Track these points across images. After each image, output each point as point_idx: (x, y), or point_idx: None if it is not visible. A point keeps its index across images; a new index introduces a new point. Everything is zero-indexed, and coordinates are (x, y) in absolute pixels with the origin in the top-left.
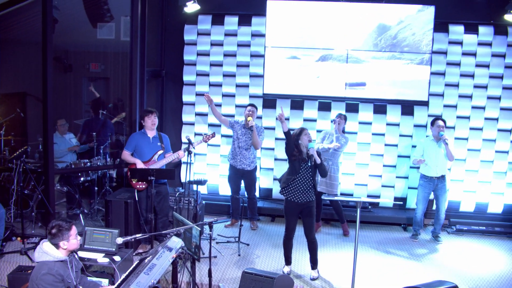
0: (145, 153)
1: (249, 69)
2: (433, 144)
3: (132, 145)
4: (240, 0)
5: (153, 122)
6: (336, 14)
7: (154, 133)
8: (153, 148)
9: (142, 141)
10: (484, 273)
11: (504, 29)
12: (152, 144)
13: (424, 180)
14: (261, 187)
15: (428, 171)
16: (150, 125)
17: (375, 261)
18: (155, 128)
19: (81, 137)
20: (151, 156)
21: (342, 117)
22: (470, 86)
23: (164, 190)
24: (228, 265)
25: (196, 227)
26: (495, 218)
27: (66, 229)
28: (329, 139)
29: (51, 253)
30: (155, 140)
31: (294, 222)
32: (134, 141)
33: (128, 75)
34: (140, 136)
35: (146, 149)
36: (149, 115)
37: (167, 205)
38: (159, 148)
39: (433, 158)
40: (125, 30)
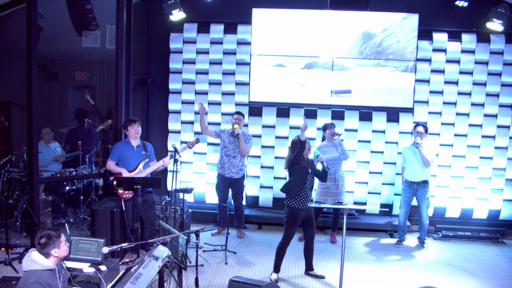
0: (130, 162)
1: (235, 77)
2: (412, 149)
3: (116, 154)
4: (226, 8)
5: (136, 131)
6: (321, 22)
7: (138, 141)
8: (137, 157)
9: (127, 150)
10: (470, 278)
11: (487, 37)
12: (136, 153)
13: (405, 185)
14: (248, 195)
15: (407, 175)
16: (133, 134)
17: (361, 268)
18: (138, 137)
19: (65, 146)
20: (136, 165)
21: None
22: (454, 93)
23: (150, 199)
24: (215, 273)
25: (182, 236)
26: (480, 223)
27: (56, 237)
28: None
29: (39, 261)
30: (139, 149)
31: (295, 230)
32: (118, 151)
33: (113, 83)
34: (124, 145)
35: (131, 158)
36: (132, 124)
37: (154, 214)
38: (143, 157)
39: (411, 163)
40: (110, 38)
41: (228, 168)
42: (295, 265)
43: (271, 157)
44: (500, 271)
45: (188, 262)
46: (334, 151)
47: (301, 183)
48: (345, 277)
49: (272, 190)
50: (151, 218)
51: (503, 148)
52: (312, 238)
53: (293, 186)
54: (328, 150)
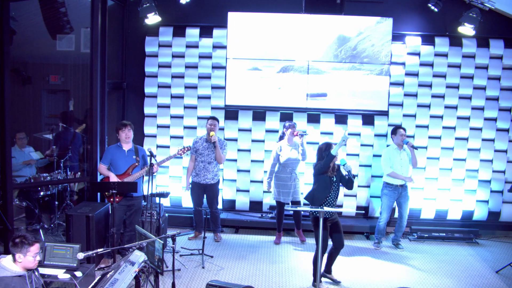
0: (120, 166)
1: (210, 81)
2: (397, 152)
3: (107, 158)
4: (201, 12)
5: (127, 136)
6: (297, 26)
7: (130, 146)
8: (128, 161)
9: (117, 154)
10: (444, 278)
11: (459, 41)
12: (127, 158)
13: (389, 189)
14: (225, 198)
15: (393, 179)
16: (124, 138)
17: (338, 270)
18: (130, 141)
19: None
20: (126, 169)
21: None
22: (428, 96)
23: (137, 204)
24: (192, 277)
25: (159, 240)
26: (455, 224)
27: (28, 244)
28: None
29: (9, 268)
30: (130, 153)
31: (324, 234)
32: (109, 155)
33: (88, 87)
34: (115, 149)
35: (121, 162)
36: (122, 128)
37: (138, 219)
38: (134, 161)
39: (398, 166)
40: (85, 42)
41: (203, 175)
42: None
43: (247, 160)
44: (474, 271)
45: (165, 266)
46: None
47: (325, 192)
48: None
49: (249, 193)
50: (134, 222)
51: (476, 150)
52: (340, 244)
53: (317, 195)
54: (288, 149)
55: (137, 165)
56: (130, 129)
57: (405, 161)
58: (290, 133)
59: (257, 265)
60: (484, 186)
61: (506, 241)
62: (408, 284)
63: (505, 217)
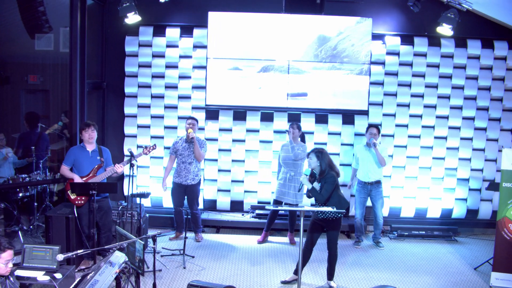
0: (84, 167)
1: (191, 81)
2: (364, 149)
3: (70, 159)
4: (182, 12)
5: (90, 136)
6: (277, 25)
7: (94, 146)
8: (92, 162)
9: (81, 155)
10: (424, 276)
11: (438, 41)
12: (91, 158)
13: (359, 186)
14: (206, 198)
15: (361, 176)
16: (87, 138)
17: (319, 268)
18: (93, 142)
19: (17, 151)
20: (90, 170)
21: (294, 126)
22: (408, 95)
23: (106, 205)
24: (174, 278)
25: (139, 241)
26: (434, 222)
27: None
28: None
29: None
30: (94, 154)
31: (309, 236)
32: (72, 156)
33: (68, 87)
34: (78, 150)
35: (85, 163)
36: (85, 128)
37: (110, 219)
38: (98, 162)
39: (365, 163)
40: (64, 41)
41: (184, 175)
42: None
43: (228, 160)
44: (453, 268)
45: (146, 267)
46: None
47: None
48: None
49: (230, 193)
50: (107, 224)
51: (454, 149)
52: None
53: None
54: (286, 149)
55: (102, 166)
56: (93, 129)
57: (371, 160)
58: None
59: (239, 265)
60: (462, 185)
61: (484, 238)
62: (388, 282)
63: (483, 215)
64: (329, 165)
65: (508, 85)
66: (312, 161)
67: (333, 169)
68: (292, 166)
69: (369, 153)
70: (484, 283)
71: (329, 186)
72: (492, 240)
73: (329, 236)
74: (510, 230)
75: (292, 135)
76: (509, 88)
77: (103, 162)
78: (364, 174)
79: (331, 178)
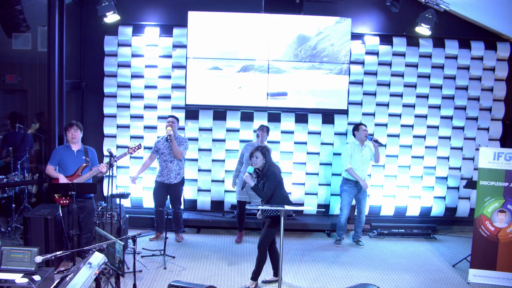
0: (69, 167)
1: (171, 80)
2: (358, 148)
3: (55, 159)
4: (161, 11)
5: (73, 136)
6: (257, 25)
7: (79, 146)
8: (77, 162)
9: (66, 155)
10: (404, 274)
11: (416, 41)
12: (76, 158)
13: (348, 186)
14: (186, 198)
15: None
16: (70, 138)
17: (300, 268)
18: (78, 142)
19: (1, 152)
20: (75, 170)
21: (264, 129)
22: (387, 95)
23: (90, 206)
24: (154, 278)
25: (119, 242)
26: (413, 220)
27: None
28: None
29: None
30: (79, 154)
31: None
32: (57, 155)
33: (46, 87)
34: (64, 150)
35: (70, 163)
36: (69, 128)
37: (92, 220)
38: (83, 162)
39: (359, 162)
40: (42, 41)
41: (166, 174)
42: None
43: (208, 160)
44: (432, 266)
45: (126, 268)
46: None
47: None
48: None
49: (210, 193)
50: (89, 224)
51: (433, 148)
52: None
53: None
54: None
55: (87, 166)
56: (76, 129)
57: (366, 157)
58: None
59: (219, 265)
60: (441, 183)
61: (462, 235)
62: (368, 280)
63: (461, 213)
64: (270, 163)
65: (484, 85)
66: (259, 159)
67: (273, 167)
68: None
69: (363, 151)
70: (462, 280)
71: (271, 183)
72: (470, 237)
73: (263, 231)
74: (487, 227)
75: (261, 138)
76: (486, 87)
77: (88, 162)
78: (358, 172)
79: (273, 175)
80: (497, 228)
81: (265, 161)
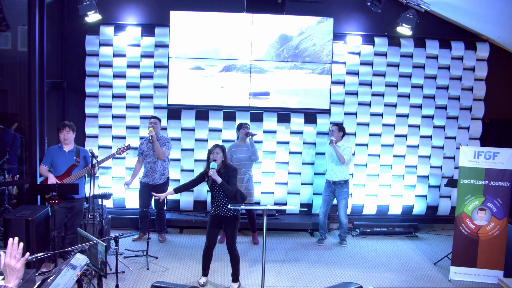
0: (60, 167)
1: (153, 80)
2: (329, 149)
3: (48, 159)
4: (143, 11)
5: (65, 137)
6: (239, 25)
7: (71, 146)
8: (68, 162)
9: (57, 155)
10: (386, 272)
11: (397, 41)
12: (68, 158)
13: (326, 184)
14: (169, 198)
15: (326, 175)
16: (62, 139)
17: (283, 267)
18: (71, 142)
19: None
20: (65, 170)
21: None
22: (369, 94)
23: (78, 206)
24: (137, 279)
25: (101, 243)
26: (395, 219)
27: None
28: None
29: None
30: (71, 154)
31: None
32: (50, 156)
33: (26, 87)
34: (55, 150)
35: (61, 163)
36: (61, 129)
37: (79, 222)
38: (74, 162)
39: (328, 162)
40: (22, 40)
41: (151, 175)
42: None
43: (191, 160)
44: (414, 263)
45: (108, 269)
46: (245, 152)
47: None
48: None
49: (193, 193)
50: (75, 225)
51: (414, 147)
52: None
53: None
54: (240, 150)
55: (77, 166)
56: (69, 131)
57: (334, 157)
58: (242, 133)
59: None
60: (422, 182)
61: (443, 233)
62: (351, 279)
63: (442, 211)
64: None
65: (465, 85)
66: (219, 156)
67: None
68: (249, 166)
69: (331, 151)
70: (443, 277)
71: (234, 179)
72: (451, 235)
73: (228, 233)
74: (467, 225)
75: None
76: (466, 87)
77: (78, 162)
78: (328, 172)
79: (234, 172)
80: (477, 226)
81: (224, 158)
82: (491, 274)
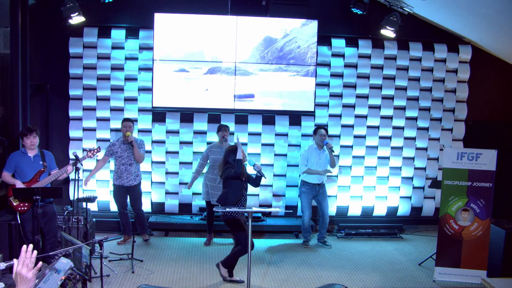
0: (26, 173)
1: (137, 83)
2: (316, 152)
3: (11, 165)
4: (127, 13)
5: (32, 143)
6: (224, 27)
7: (36, 151)
8: (34, 167)
9: (22, 161)
10: (371, 273)
11: (381, 43)
12: (33, 164)
13: (306, 188)
14: (154, 201)
15: (310, 178)
16: (28, 145)
17: (269, 269)
18: (36, 147)
19: None
20: (33, 176)
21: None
22: (353, 96)
23: (51, 210)
24: (122, 283)
25: (86, 246)
26: (380, 220)
27: None
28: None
29: None
30: (36, 159)
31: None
32: (13, 162)
33: (9, 89)
34: (19, 156)
35: (27, 169)
36: (27, 135)
37: (55, 225)
38: (41, 167)
39: (315, 165)
40: (5, 42)
41: (126, 177)
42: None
43: (176, 163)
44: (399, 265)
45: (93, 273)
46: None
47: (238, 194)
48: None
49: (178, 196)
50: (52, 229)
51: (398, 148)
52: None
53: (231, 198)
54: (218, 151)
55: (44, 171)
56: (35, 136)
57: (323, 161)
58: (221, 136)
59: (188, 268)
60: (406, 183)
61: (427, 234)
62: (337, 280)
63: (426, 212)
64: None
65: (448, 86)
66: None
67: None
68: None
69: (321, 155)
70: (427, 278)
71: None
72: (435, 236)
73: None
74: (451, 226)
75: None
76: (449, 89)
77: (46, 167)
78: (314, 176)
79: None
80: (461, 226)
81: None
82: (475, 274)
